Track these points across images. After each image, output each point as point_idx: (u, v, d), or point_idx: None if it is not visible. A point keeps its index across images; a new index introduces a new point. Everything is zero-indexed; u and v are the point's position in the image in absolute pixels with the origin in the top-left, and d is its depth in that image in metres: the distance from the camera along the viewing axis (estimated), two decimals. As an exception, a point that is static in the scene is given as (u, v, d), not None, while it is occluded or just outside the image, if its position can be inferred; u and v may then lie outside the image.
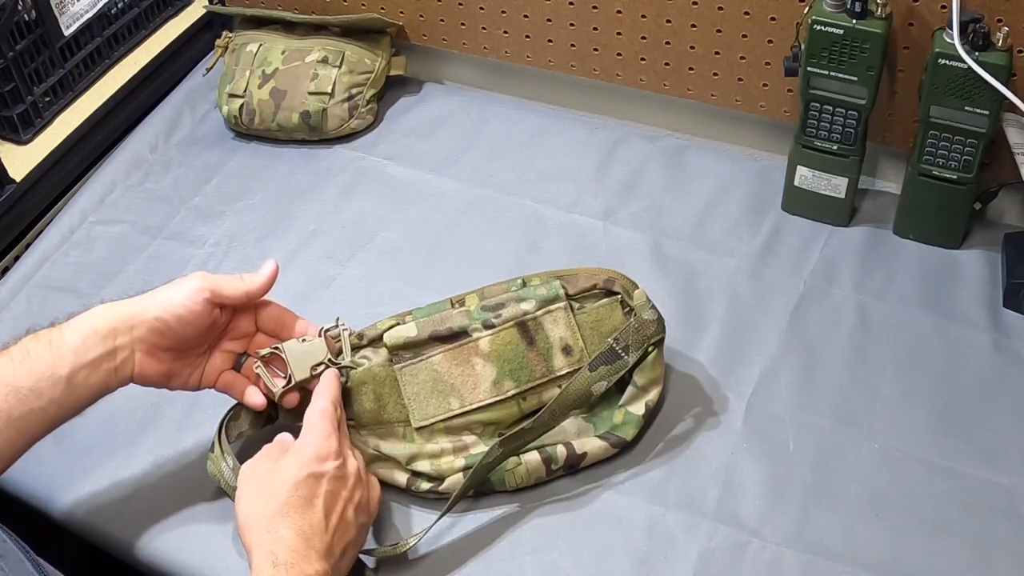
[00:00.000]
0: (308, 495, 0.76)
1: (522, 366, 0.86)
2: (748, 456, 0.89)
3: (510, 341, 0.87)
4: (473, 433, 0.87)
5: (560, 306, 0.87)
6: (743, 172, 1.16)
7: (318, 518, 0.75)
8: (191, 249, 1.12)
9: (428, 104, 1.29)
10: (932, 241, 1.06)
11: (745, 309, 1.01)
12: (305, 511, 0.75)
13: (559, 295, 0.88)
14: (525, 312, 0.87)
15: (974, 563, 0.81)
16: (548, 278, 0.89)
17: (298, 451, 0.79)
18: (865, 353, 0.97)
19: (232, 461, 0.83)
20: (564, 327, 0.87)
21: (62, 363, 0.77)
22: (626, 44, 1.18)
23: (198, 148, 1.25)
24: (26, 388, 0.76)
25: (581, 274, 0.90)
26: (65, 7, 1.21)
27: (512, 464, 0.85)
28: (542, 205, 1.14)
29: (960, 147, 0.99)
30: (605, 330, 0.88)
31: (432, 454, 0.86)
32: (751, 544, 0.83)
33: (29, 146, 1.19)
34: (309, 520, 0.75)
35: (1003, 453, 0.88)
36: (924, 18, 1.00)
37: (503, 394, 0.86)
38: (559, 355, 0.87)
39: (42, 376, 0.77)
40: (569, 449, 0.86)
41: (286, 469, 0.77)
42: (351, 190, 1.18)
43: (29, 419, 0.76)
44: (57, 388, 0.77)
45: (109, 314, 0.80)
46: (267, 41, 1.27)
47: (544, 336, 0.87)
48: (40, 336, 0.79)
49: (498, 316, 0.87)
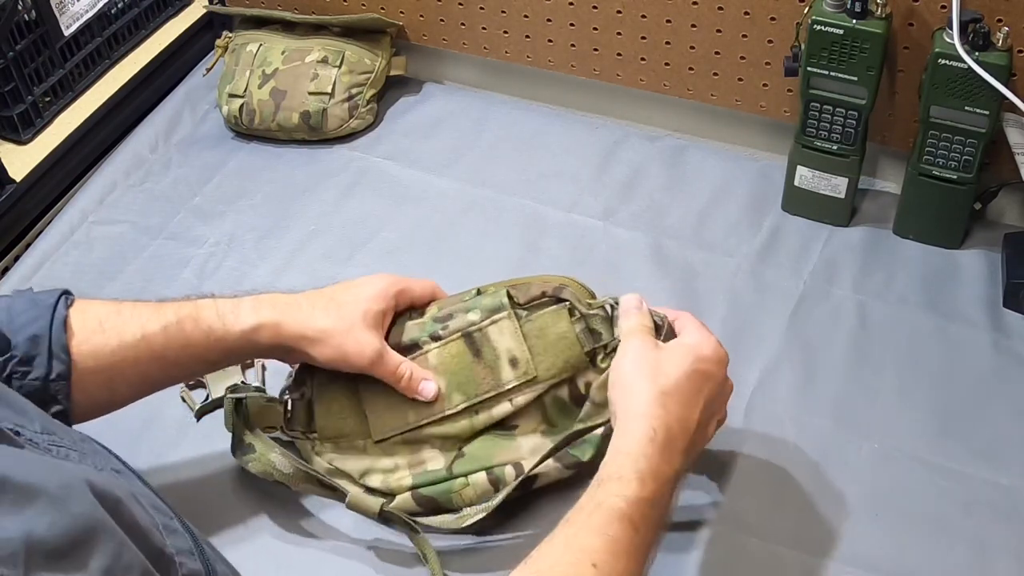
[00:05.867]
0: (695, 390, 0.75)
1: (469, 379, 0.83)
2: (748, 456, 0.89)
3: (456, 353, 0.84)
4: (433, 448, 0.84)
5: (504, 315, 0.83)
6: (743, 172, 1.16)
7: (694, 417, 0.74)
8: (191, 249, 1.12)
9: (428, 104, 1.29)
10: (932, 241, 1.06)
11: (745, 309, 1.01)
12: (688, 405, 0.74)
13: (503, 304, 0.83)
14: (471, 323, 0.84)
15: (974, 563, 0.81)
16: (501, 287, 0.86)
17: (693, 347, 0.77)
18: (865, 353, 0.97)
19: (280, 448, 0.83)
20: (510, 337, 0.83)
21: (213, 351, 0.80)
22: (626, 44, 1.18)
23: (198, 148, 1.25)
24: (171, 360, 0.79)
25: (535, 282, 0.85)
26: (65, 7, 1.20)
27: (460, 485, 0.83)
28: (542, 205, 1.14)
29: (960, 147, 0.99)
30: (549, 338, 0.82)
31: (386, 469, 0.84)
32: (751, 544, 0.83)
33: (29, 146, 1.19)
34: (687, 415, 0.74)
35: (1003, 453, 0.88)
36: (924, 18, 1.00)
37: (454, 408, 0.83)
38: (506, 367, 0.82)
39: (192, 356, 0.80)
40: (518, 470, 0.82)
41: (681, 357, 0.75)
42: (351, 190, 1.18)
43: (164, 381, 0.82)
44: (201, 365, 0.82)
45: (275, 332, 0.81)
46: (267, 41, 1.27)
47: (491, 347, 0.83)
48: (202, 321, 0.80)
49: (445, 328, 0.85)
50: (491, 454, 0.83)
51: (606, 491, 0.68)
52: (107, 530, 0.47)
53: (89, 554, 0.46)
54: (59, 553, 0.45)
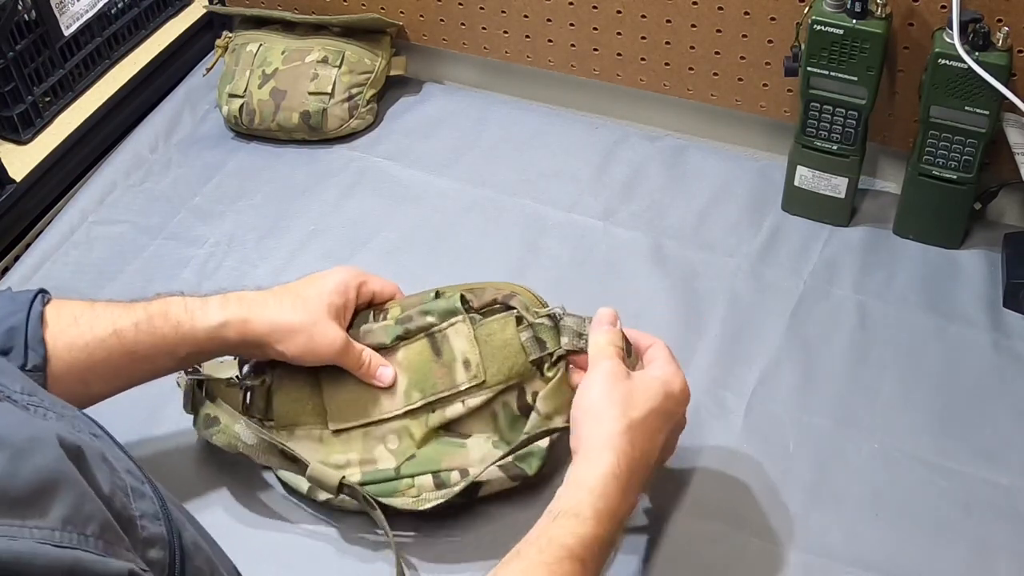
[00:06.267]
0: (659, 427, 0.75)
1: (428, 377, 0.84)
2: (748, 456, 0.89)
3: (420, 351, 0.85)
4: (388, 447, 0.85)
5: (459, 319, 0.85)
6: (743, 172, 1.16)
7: (655, 454, 0.75)
8: (191, 249, 1.12)
9: (428, 104, 1.29)
10: (932, 241, 1.06)
11: (745, 309, 1.01)
12: (651, 440, 0.75)
13: (457, 308, 0.85)
14: (431, 324, 0.85)
15: (974, 563, 0.81)
16: (456, 290, 0.87)
17: (665, 382, 0.77)
18: (865, 353, 0.97)
19: (244, 419, 0.84)
20: (465, 340, 0.84)
21: (182, 346, 0.81)
22: (626, 44, 1.18)
23: (198, 148, 1.25)
24: (142, 355, 0.81)
25: (489, 288, 0.87)
26: (65, 7, 1.20)
27: (405, 485, 0.84)
28: (542, 205, 1.14)
29: (960, 147, 0.99)
30: (496, 344, 0.84)
31: (337, 464, 0.85)
32: (751, 544, 0.83)
33: (29, 146, 1.19)
34: (650, 450, 0.75)
35: (1003, 453, 0.88)
36: (924, 18, 1.00)
37: (412, 403, 0.84)
38: (461, 369, 0.84)
39: (162, 352, 0.81)
40: (464, 476, 0.83)
41: (653, 391, 0.75)
42: (351, 190, 1.18)
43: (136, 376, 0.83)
44: (171, 361, 0.83)
45: (242, 328, 0.82)
46: (267, 41, 1.27)
47: (449, 348, 0.85)
48: (171, 316, 0.81)
49: (408, 330, 0.86)
50: (440, 459, 0.84)
51: (560, 527, 0.68)
52: (69, 481, 0.49)
53: (50, 503, 0.47)
54: (20, 501, 0.46)
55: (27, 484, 0.47)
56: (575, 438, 0.75)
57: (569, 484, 0.71)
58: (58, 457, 0.49)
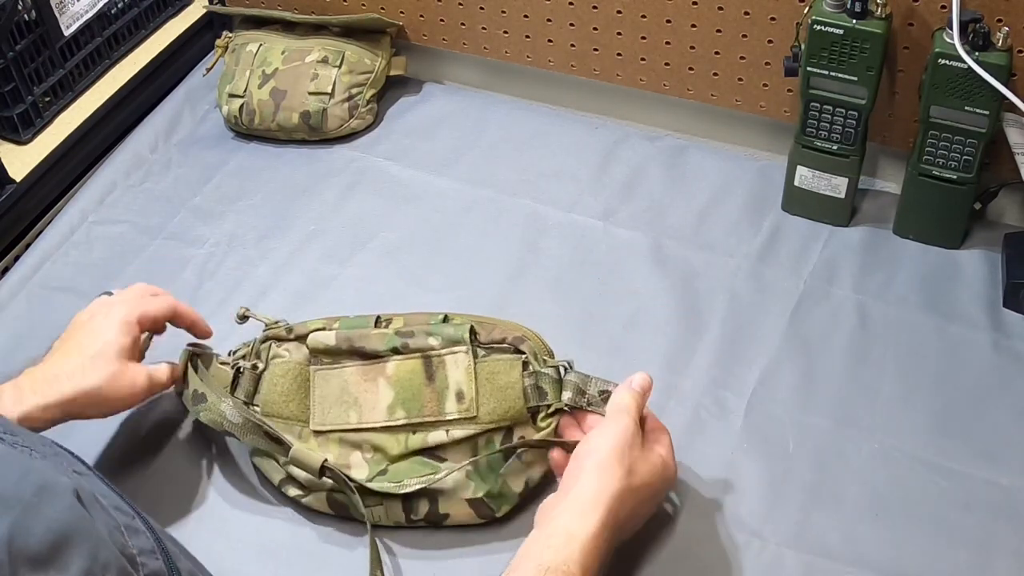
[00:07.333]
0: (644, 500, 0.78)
1: (416, 399, 0.84)
2: (748, 456, 0.89)
3: (412, 371, 0.85)
4: (364, 456, 0.85)
5: (463, 349, 0.84)
6: (743, 172, 1.16)
7: (630, 525, 0.78)
8: (191, 249, 1.12)
9: (428, 104, 1.29)
10: (932, 241, 1.06)
11: (745, 309, 1.01)
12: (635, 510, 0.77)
13: (463, 338, 0.85)
14: (431, 347, 0.85)
15: (974, 563, 0.81)
16: (467, 320, 0.87)
17: (666, 463, 0.79)
18: (865, 353, 0.97)
19: (231, 399, 0.85)
20: (463, 372, 0.84)
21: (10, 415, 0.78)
22: (626, 44, 1.18)
23: (198, 148, 1.25)
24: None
25: (500, 325, 0.86)
26: (65, 7, 1.20)
27: (374, 502, 0.84)
28: (542, 205, 1.14)
29: (960, 147, 0.99)
30: (498, 384, 0.83)
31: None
32: (751, 544, 0.83)
33: (29, 146, 1.19)
34: (635, 518, 0.78)
35: (1003, 453, 0.88)
36: (924, 18, 1.00)
37: (393, 420, 0.84)
38: (452, 398, 0.84)
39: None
40: (432, 507, 0.83)
41: (655, 468, 0.78)
42: (351, 190, 1.18)
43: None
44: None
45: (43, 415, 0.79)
46: (267, 41, 1.27)
47: (443, 375, 0.84)
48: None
49: (406, 345, 0.86)
50: (412, 478, 0.84)
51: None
52: (84, 530, 0.48)
53: (69, 556, 0.47)
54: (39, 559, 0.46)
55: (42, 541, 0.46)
56: (571, 476, 0.76)
57: (558, 534, 0.72)
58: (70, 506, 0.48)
